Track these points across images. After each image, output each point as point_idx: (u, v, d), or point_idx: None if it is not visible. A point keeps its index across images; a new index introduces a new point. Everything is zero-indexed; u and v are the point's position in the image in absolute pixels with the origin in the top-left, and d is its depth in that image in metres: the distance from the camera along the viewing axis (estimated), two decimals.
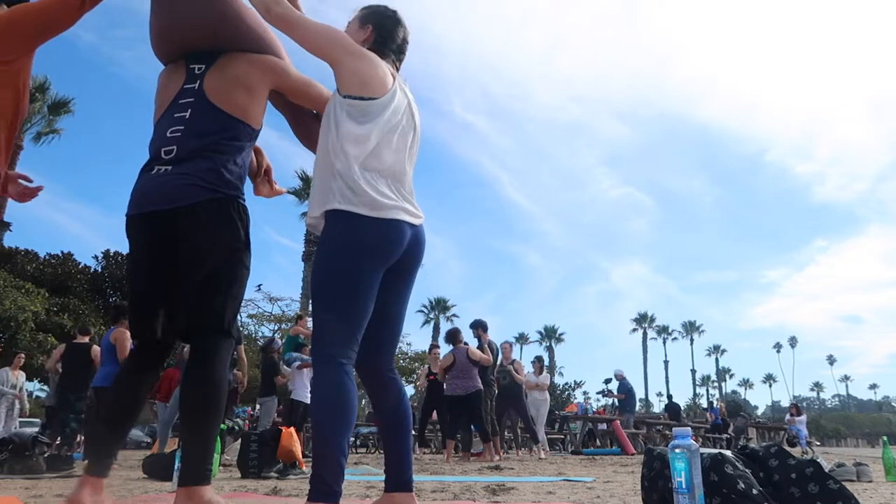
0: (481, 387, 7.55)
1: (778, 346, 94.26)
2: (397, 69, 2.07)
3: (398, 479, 1.85)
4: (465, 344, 7.73)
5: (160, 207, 2.02)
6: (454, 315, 45.18)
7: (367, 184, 1.78)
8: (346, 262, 1.77)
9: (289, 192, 25.03)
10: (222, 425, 3.46)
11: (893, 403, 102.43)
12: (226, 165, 2.07)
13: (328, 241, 1.80)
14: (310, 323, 8.81)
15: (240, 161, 2.14)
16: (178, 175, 2.03)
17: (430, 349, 10.05)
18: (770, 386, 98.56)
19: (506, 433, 10.38)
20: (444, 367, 7.62)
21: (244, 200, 2.14)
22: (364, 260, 1.78)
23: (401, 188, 1.88)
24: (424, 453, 10.25)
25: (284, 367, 8.23)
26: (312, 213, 1.86)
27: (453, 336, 7.78)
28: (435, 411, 9.15)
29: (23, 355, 8.91)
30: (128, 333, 7.01)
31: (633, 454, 10.48)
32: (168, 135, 2.13)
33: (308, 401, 7.68)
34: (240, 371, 7.60)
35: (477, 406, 7.44)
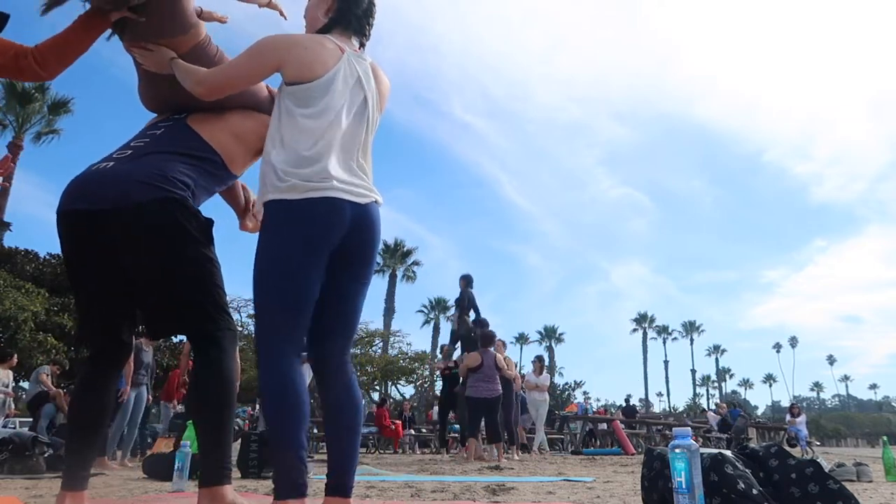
0: (501, 392, 7.61)
1: (778, 346, 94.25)
2: (366, 35, 2.01)
3: (334, 483, 1.73)
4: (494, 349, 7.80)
5: (92, 207, 1.92)
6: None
7: (297, 168, 1.73)
8: (280, 250, 1.71)
9: None
10: None
11: (893, 403, 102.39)
12: (175, 170, 1.99)
13: (262, 233, 1.75)
14: None
15: (196, 176, 2.04)
16: (119, 170, 1.96)
17: (442, 348, 9.97)
18: (770, 386, 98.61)
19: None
20: (470, 367, 7.61)
21: (189, 201, 2.01)
22: (297, 243, 1.71)
23: (340, 166, 1.79)
24: (440, 452, 10.19)
25: None
26: (258, 209, 1.81)
27: (489, 339, 7.80)
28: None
29: (15, 355, 8.85)
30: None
31: (633, 454, 10.48)
32: (131, 143, 2.11)
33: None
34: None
35: (496, 410, 7.51)
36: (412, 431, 15.06)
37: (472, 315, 8.76)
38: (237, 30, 1.87)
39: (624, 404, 20.77)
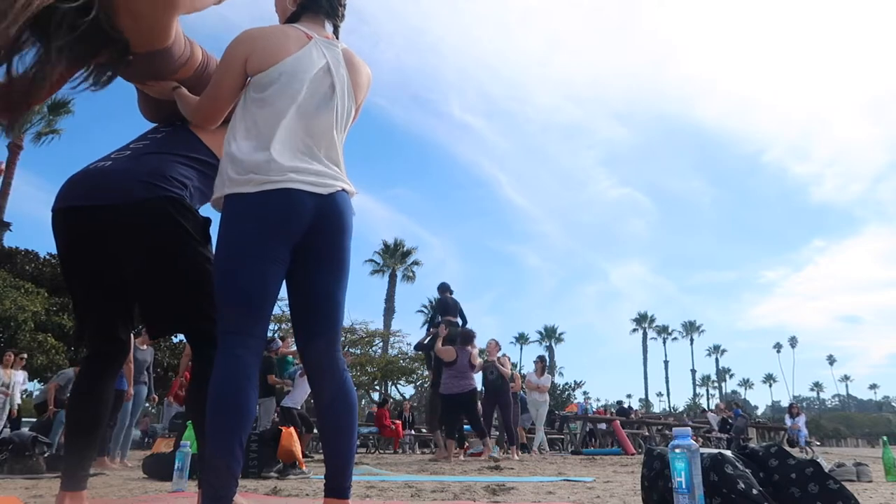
0: (475, 386, 7.67)
1: (778, 346, 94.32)
2: (339, 16, 1.97)
3: (330, 485, 1.70)
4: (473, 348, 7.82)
5: (89, 204, 1.93)
6: None
7: (254, 159, 1.68)
8: (232, 245, 1.67)
9: None
10: None
11: (893, 403, 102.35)
12: (174, 170, 2.00)
13: (219, 228, 1.71)
14: (292, 344, 8.80)
15: (193, 178, 2.06)
16: (117, 168, 1.97)
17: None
18: (770, 386, 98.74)
19: (492, 430, 10.30)
20: (445, 362, 7.60)
21: (186, 200, 2.01)
22: (250, 237, 1.65)
23: (301, 156, 1.73)
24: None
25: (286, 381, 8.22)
26: (214, 202, 1.77)
27: (468, 338, 7.81)
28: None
29: (12, 354, 8.81)
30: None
31: (633, 454, 10.48)
32: (130, 145, 2.11)
33: (298, 406, 7.74)
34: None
35: (472, 404, 7.57)
36: (412, 432, 15.06)
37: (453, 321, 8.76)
38: (237, 32, 1.85)
39: (616, 406, 21.05)
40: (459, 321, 8.77)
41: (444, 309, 8.80)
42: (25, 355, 9.53)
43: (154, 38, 1.93)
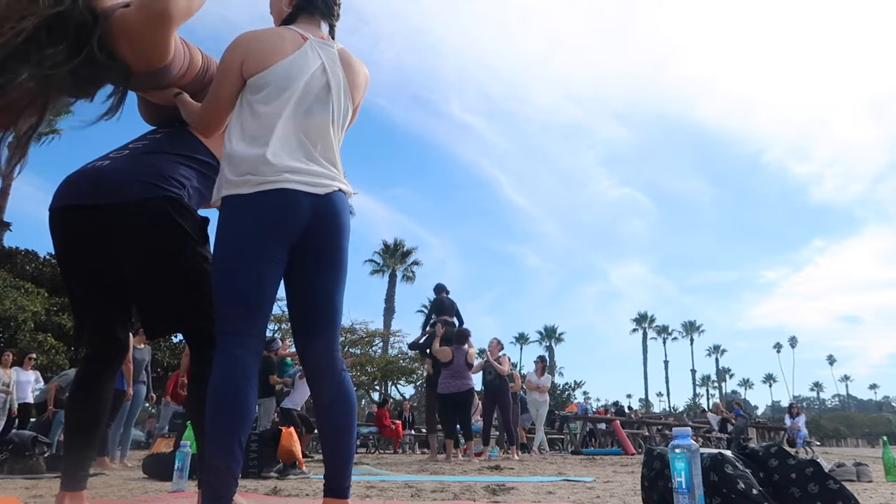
0: (472, 386, 7.69)
1: (778, 346, 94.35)
2: (334, 15, 1.98)
3: (329, 485, 1.70)
4: (469, 347, 7.81)
5: (88, 203, 1.92)
6: None
7: (251, 160, 1.69)
8: (230, 245, 1.67)
9: None
10: None
11: (893, 403, 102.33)
12: (173, 170, 2.00)
13: (217, 229, 1.71)
14: (290, 346, 8.81)
15: (192, 178, 2.06)
16: (116, 167, 1.97)
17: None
18: (770, 386, 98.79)
19: (491, 431, 10.26)
20: (442, 362, 7.62)
21: (185, 199, 2.01)
22: (247, 238, 1.66)
23: (298, 157, 1.73)
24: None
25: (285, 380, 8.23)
26: (214, 204, 1.77)
27: (463, 337, 7.82)
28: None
29: (10, 354, 8.79)
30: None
31: (633, 454, 10.48)
32: (129, 145, 2.11)
33: (298, 407, 7.74)
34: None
35: (467, 405, 7.59)
36: (412, 432, 15.06)
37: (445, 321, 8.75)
38: (237, 32, 1.85)
39: (613, 406, 21.20)
40: (456, 321, 8.77)
41: (439, 309, 8.81)
42: (34, 355, 9.53)
43: (154, 57, 1.93)
